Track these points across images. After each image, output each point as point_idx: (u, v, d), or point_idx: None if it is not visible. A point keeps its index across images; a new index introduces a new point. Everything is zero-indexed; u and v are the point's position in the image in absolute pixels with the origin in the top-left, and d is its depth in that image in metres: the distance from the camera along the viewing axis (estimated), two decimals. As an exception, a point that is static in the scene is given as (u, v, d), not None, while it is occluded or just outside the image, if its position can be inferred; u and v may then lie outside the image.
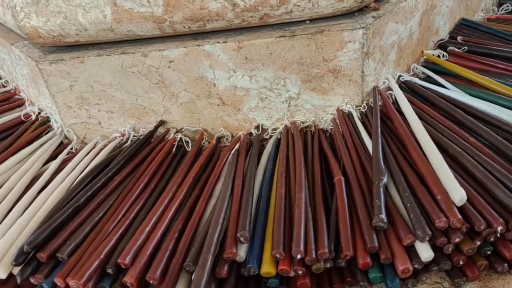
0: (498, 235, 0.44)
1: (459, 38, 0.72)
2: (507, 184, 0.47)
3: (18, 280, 0.47)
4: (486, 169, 0.49)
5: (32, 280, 0.48)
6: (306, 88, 0.61)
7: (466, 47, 0.70)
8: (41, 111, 0.70)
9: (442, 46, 0.72)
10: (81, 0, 0.55)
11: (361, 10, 0.60)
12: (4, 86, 0.78)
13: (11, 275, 0.48)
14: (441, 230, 0.45)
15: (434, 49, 0.72)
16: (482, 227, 0.44)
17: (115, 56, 0.59)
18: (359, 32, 0.56)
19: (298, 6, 0.55)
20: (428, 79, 0.68)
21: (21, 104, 0.74)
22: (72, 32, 0.58)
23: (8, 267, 0.47)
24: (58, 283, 0.46)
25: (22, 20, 0.57)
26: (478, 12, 0.80)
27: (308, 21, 0.59)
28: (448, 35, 0.74)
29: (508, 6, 0.81)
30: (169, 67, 0.59)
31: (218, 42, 0.58)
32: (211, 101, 0.63)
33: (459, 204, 0.46)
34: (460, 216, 0.44)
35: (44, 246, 0.48)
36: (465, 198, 0.46)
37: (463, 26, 0.75)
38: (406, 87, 0.66)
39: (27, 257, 0.47)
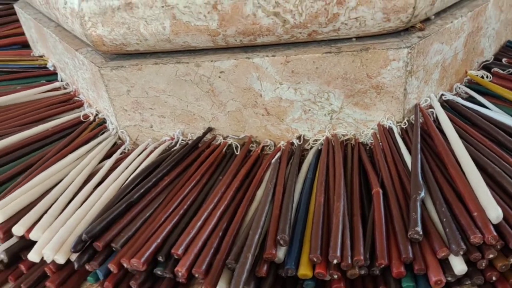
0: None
1: (504, 60, 0.74)
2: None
3: (75, 266, 0.52)
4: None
5: (87, 267, 0.53)
6: (348, 103, 0.64)
7: (510, 69, 0.71)
8: (98, 113, 0.76)
9: (486, 67, 0.73)
10: (144, 13, 0.60)
11: (407, 30, 0.62)
12: (65, 88, 0.85)
13: (68, 261, 0.53)
14: (476, 246, 0.47)
15: (478, 70, 0.73)
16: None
17: (170, 65, 0.64)
18: (404, 51, 0.59)
19: (346, 24, 0.59)
20: (470, 99, 0.69)
21: (79, 105, 0.80)
22: (133, 42, 0.63)
23: (66, 254, 0.52)
24: (112, 269, 0.51)
25: (89, 29, 0.63)
26: (525, 33, 0.81)
27: (354, 39, 0.62)
28: (493, 57, 0.76)
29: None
30: (219, 77, 0.64)
31: (267, 56, 0.62)
32: (256, 110, 0.67)
33: (495, 222, 0.47)
34: (495, 233, 0.46)
35: (100, 236, 0.53)
36: (501, 216, 0.47)
37: (509, 48, 0.76)
38: (448, 105, 0.68)
39: (84, 245, 0.52)
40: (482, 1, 0.68)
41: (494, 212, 0.47)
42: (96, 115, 0.76)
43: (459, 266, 0.46)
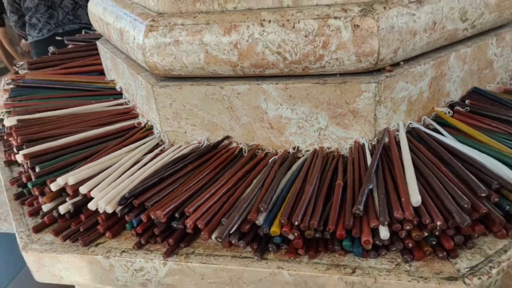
0: (439, 229, 0.63)
1: (467, 101, 0.91)
2: (456, 198, 0.65)
3: (119, 215, 0.74)
4: (444, 186, 0.67)
5: (126, 218, 0.74)
6: (332, 123, 0.84)
7: (468, 108, 0.89)
8: (148, 121, 1.01)
9: (451, 105, 0.91)
10: (186, 48, 0.84)
11: (379, 70, 0.82)
12: (127, 104, 1.10)
13: (114, 214, 0.75)
14: (398, 220, 0.64)
15: (444, 107, 0.91)
16: (427, 221, 0.63)
17: (202, 86, 0.87)
18: (373, 85, 0.79)
19: (329, 63, 0.80)
20: (435, 129, 0.87)
21: (136, 116, 1.05)
22: (177, 68, 0.87)
23: (114, 206, 0.74)
24: (143, 219, 0.72)
25: (148, 58, 0.88)
26: (492, 84, 0.97)
27: (338, 75, 0.83)
28: (459, 99, 0.93)
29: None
30: (236, 97, 0.86)
31: (272, 83, 0.83)
32: (263, 124, 0.88)
33: (415, 205, 0.65)
34: (412, 212, 0.63)
35: (138, 197, 0.75)
36: (420, 201, 0.64)
37: (475, 93, 0.94)
38: (413, 132, 0.86)
39: (126, 202, 0.74)
40: (445, 53, 0.87)
41: (415, 198, 0.65)
42: (146, 122, 1.00)
43: (383, 233, 0.63)
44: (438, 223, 0.62)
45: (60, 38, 1.71)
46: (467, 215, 0.62)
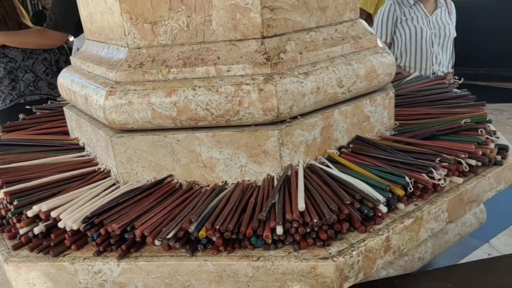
0: (316, 225, 0.88)
1: (350, 145, 1.21)
2: (328, 204, 0.91)
3: (82, 231, 0.94)
4: (322, 198, 0.94)
5: (88, 233, 0.95)
6: (250, 161, 1.11)
7: (351, 149, 1.18)
8: (106, 166, 1.23)
9: (339, 148, 1.20)
10: (137, 107, 1.10)
11: (282, 122, 1.11)
12: (88, 156, 1.33)
13: (78, 230, 0.96)
14: (289, 221, 0.89)
15: (335, 149, 1.20)
16: (308, 220, 0.88)
17: (150, 136, 1.12)
18: (276, 131, 1.07)
19: (244, 116, 1.07)
20: (326, 165, 1.15)
21: (96, 164, 1.27)
22: (130, 122, 1.12)
23: (78, 224, 0.95)
24: (101, 232, 0.93)
25: (107, 115, 1.13)
26: (371, 133, 1.28)
27: (253, 125, 1.11)
28: (346, 143, 1.23)
29: (393, 131, 1.29)
30: (177, 143, 1.11)
31: (203, 132, 1.10)
32: (198, 164, 1.13)
33: (300, 210, 0.90)
34: (298, 214, 0.89)
35: (98, 216, 0.96)
36: (304, 207, 0.90)
37: (357, 139, 1.24)
38: (311, 166, 1.14)
39: (89, 220, 0.95)
40: (330, 110, 1.17)
41: (300, 205, 0.91)
42: (105, 168, 1.23)
43: (279, 230, 0.88)
44: (315, 220, 0.88)
45: (27, 107, 1.93)
46: (335, 215, 0.89)
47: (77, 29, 2.31)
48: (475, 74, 5.64)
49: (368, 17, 3.59)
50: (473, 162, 1.12)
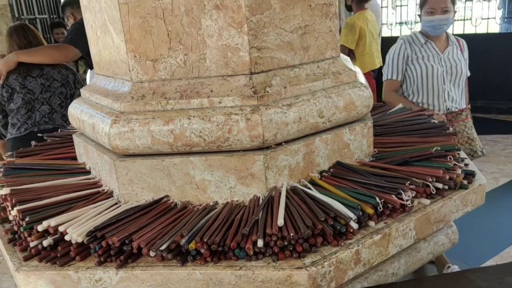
0: (292, 238, 0.98)
1: (331, 170, 1.32)
2: (304, 220, 1.02)
3: (85, 244, 1.05)
4: (300, 215, 1.04)
5: (91, 245, 1.06)
6: (238, 183, 1.22)
7: (330, 173, 1.29)
8: (109, 188, 1.35)
9: (321, 172, 1.31)
10: (138, 134, 1.22)
11: (268, 148, 1.23)
12: (94, 178, 1.45)
13: (82, 243, 1.06)
14: (269, 235, 0.99)
15: (316, 173, 1.31)
16: (285, 234, 0.99)
17: (149, 160, 1.24)
18: (261, 156, 1.19)
19: (234, 142, 1.19)
20: (308, 187, 1.26)
21: (100, 186, 1.39)
22: (132, 148, 1.24)
23: (83, 237, 1.06)
24: (103, 245, 1.04)
25: (112, 141, 1.25)
26: (351, 159, 1.39)
27: (241, 151, 1.22)
28: (328, 168, 1.34)
29: (372, 158, 1.40)
30: (173, 167, 1.23)
31: (197, 157, 1.22)
32: (192, 186, 1.24)
33: (279, 225, 1.01)
34: (277, 229, 0.99)
35: (101, 230, 1.07)
36: (282, 223, 1.01)
37: (338, 164, 1.35)
38: (294, 188, 1.25)
39: (92, 234, 1.06)
40: (312, 138, 1.29)
41: (279, 221, 1.01)
42: (108, 189, 1.35)
43: (259, 243, 0.98)
44: (291, 234, 0.98)
45: (40, 135, 2.07)
46: (310, 230, 0.99)
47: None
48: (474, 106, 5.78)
49: (351, 52, 3.86)
50: (440, 185, 1.22)
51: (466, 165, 1.38)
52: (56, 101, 2.73)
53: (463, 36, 3.26)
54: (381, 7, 6.64)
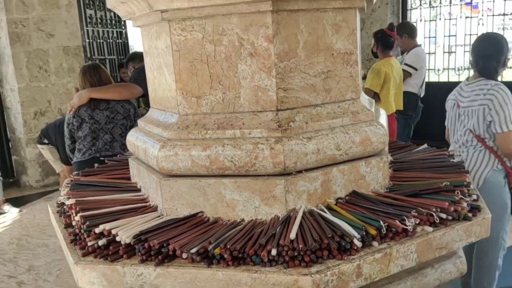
0: (301, 250, 1.14)
1: (346, 197, 1.47)
2: (313, 236, 1.18)
3: (132, 244, 1.26)
4: (311, 232, 1.20)
5: (136, 246, 1.27)
6: (262, 203, 1.40)
7: (345, 199, 1.44)
8: (155, 203, 1.57)
9: (337, 199, 1.47)
10: (181, 158, 1.44)
11: (289, 174, 1.40)
12: (143, 195, 1.68)
13: (129, 244, 1.28)
14: (282, 246, 1.16)
15: (332, 200, 1.46)
16: (296, 246, 1.15)
17: (188, 180, 1.45)
18: (282, 181, 1.36)
19: (259, 168, 1.38)
20: (323, 211, 1.42)
21: (148, 201, 1.61)
22: (175, 169, 1.46)
23: (130, 239, 1.27)
24: (145, 246, 1.24)
25: (159, 164, 1.48)
26: (367, 189, 1.54)
27: (266, 176, 1.41)
28: (344, 195, 1.49)
29: (386, 189, 1.54)
30: (208, 187, 1.43)
31: (228, 179, 1.41)
32: (223, 204, 1.43)
33: (291, 238, 1.17)
34: (289, 241, 1.16)
35: (145, 234, 1.28)
36: (294, 236, 1.17)
37: (354, 193, 1.50)
38: (311, 211, 1.41)
39: (138, 237, 1.27)
40: (330, 168, 1.45)
41: (292, 234, 1.18)
42: (154, 204, 1.57)
43: (273, 251, 1.15)
44: (301, 246, 1.14)
45: (101, 159, 2.36)
46: (317, 244, 1.15)
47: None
48: None
49: (376, 95, 4.10)
50: (443, 215, 1.34)
51: (475, 200, 1.48)
52: (118, 131, 3.06)
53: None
54: (429, 53, 6.73)
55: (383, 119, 1.67)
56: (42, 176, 6.17)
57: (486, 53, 2.49)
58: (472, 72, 2.67)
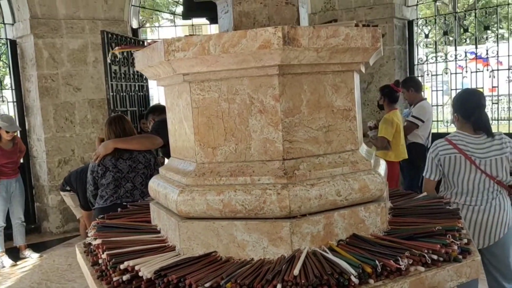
0: (304, 285, 1.27)
1: (347, 239, 1.60)
2: (314, 272, 1.31)
3: (153, 279, 1.40)
4: (313, 269, 1.33)
5: (156, 281, 1.41)
6: (270, 244, 1.53)
7: (346, 241, 1.57)
8: (173, 243, 1.71)
9: (338, 241, 1.60)
10: (198, 202, 1.60)
11: (294, 217, 1.55)
12: (162, 237, 1.83)
13: (150, 279, 1.42)
14: (286, 281, 1.29)
15: (334, 241, 1.59)
16: (299, 281, 1.28)
17: (203, 222, 1.60)
18: (288, 223, 1.51)
19: (268, 211, 1.53)
20: (325, 251, 1.54)
21: (167, 242, 1.76)
22: (192, 212, 1.62)
23: (151, 274, 1.41)
24: (164, 281, 1.38)
25: (178, 207, 1.64)
26: (367, 233, 1.66)
27: (273, 218, 1.56)
28: (345, 238, 1.62)
29: (384, 233, 1.66)
30: (221, 228, 1.58)
31: (239, 221, 1.56)
32: (234, 244, 1.57)
33: (295, 274, 1.30)
34: (293, 277, 1.29)
35: (164, 271, 1.42)
36: (297, 273, 1.30)
37: (354, 236, 1.62)
38: (314, 252, 1.54)
39: (158, 273, 1.42)
40: (331, 212, 1.60)
41: (296, 271, 1.31)
42: (172, 244, 1.71)
43: (278, 286, 1.28)
44: (303, 281, 1.27)
45: (122, 206, 2.53)
46: (318, 280, 1.28)
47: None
48: None
49: (388, 143, 4.39)
50: (435, 257, 1.46)
51: (466, 244, 1.60)
52: (139, 180, 3.24)
53: None
54: (437, 105, 6.92)
55: (382, 169, 1.82)
56: (63, 222, 6.35)
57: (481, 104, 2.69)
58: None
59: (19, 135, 5.85)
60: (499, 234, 2.63)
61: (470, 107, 2.66)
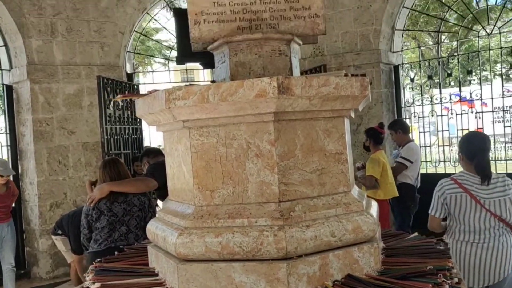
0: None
1: (342, 279, 1.64)
2: (312, 312, 1.34)
3: (153, 322, 1.42)
4: None
5: (156, 323, 1.42)
6: (267, 285, 1.57)
7: (341, 282, 1.61)
8: (172, 286, 1.73)
9: (334, 281, 1.63)
10: (196, 244, 1.64)
11: (290, 258, 1.59)
12: (160, 279, 1.85)
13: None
14: (284, 321, 1.32)
15: (330, 282, 1.63)
16: (296, 321, 1.31)
17: (202, 264, 1.63)
18: (284, 264, 1.55)
19: (265, 252, 1.58)
20: (324, 293, 1.58)
21: (165, 284, 1.78)
22: (191, 254, 1.66)
23: (151, 317, 1.43)
24: (164, 322, 1.40)
25: (177, 249, 1.68)
26: (361, 273, 1.70)
27: (271, 260, 1.60)
28: (340, 278, 1.66)
29: (378, 273, 1.70)
30: (219, 270, 1.61)
31: (237, 263, 1.60)
32: (232, 286, 1.60)
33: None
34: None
35: (163, 313, 1.44)
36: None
37: (349, 276, 1.66)
38: (310, 293, 1.57)
39: (157, 315, 1.44)
40: (327, 253, 1.64)
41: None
42: (171, 287, 1.73)
43: (276, 326, 1.31)
44: (300, 321, 1.31)
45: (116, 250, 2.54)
46: (315, 319, 1.31)
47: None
48: None
49: (376, 181, 4.57)
50: (428, 295, 1.50)
51: (457, 283, 1.65)
52: (133, 223, 3.25)
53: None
54: (425, 146, 7.07)
55: (374, 210, 1.89)
56: (53, 267, 6.22)
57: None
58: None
59: (12, 179, 5.84)
60: (506, 272, 2.68)
61: (473, 149, 2.76)
